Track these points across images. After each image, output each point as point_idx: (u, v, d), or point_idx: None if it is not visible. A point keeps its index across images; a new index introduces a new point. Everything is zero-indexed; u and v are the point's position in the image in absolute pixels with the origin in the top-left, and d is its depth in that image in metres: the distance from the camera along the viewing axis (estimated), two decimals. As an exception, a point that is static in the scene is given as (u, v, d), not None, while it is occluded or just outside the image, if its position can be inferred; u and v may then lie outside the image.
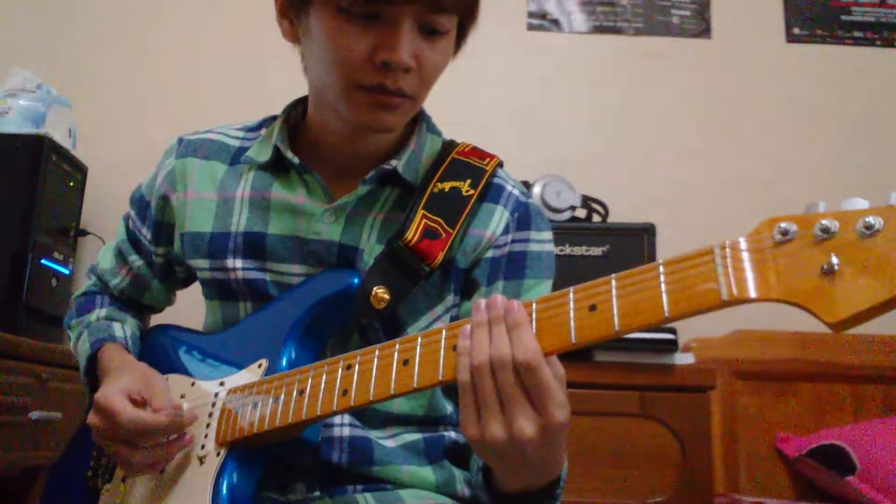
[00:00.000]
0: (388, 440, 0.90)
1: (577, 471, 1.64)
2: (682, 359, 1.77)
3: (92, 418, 0.84)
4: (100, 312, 1.04)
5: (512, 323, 0.64)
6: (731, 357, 2.10)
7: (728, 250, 0.55)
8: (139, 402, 0.83)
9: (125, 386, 0.84)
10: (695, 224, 2.30)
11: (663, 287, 0.58)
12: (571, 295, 0.63)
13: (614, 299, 0.60)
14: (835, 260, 0.50)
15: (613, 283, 0.61)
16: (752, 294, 0.54)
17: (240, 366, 0.88)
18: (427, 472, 0.89)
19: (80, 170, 2.09)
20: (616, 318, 0.59)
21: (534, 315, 0.65)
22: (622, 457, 1.71)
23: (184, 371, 0.94)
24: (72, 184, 2.05)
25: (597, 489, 1.67)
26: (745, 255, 0.55)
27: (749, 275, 0.54)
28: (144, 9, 2.46)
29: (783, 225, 0.53)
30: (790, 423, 2.08)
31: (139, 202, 1.04)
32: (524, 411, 0.62)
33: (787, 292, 0.52)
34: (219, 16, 2.45)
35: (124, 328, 1.01)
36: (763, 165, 2.38)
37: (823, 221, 0.51)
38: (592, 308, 0.61)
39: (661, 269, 0.58)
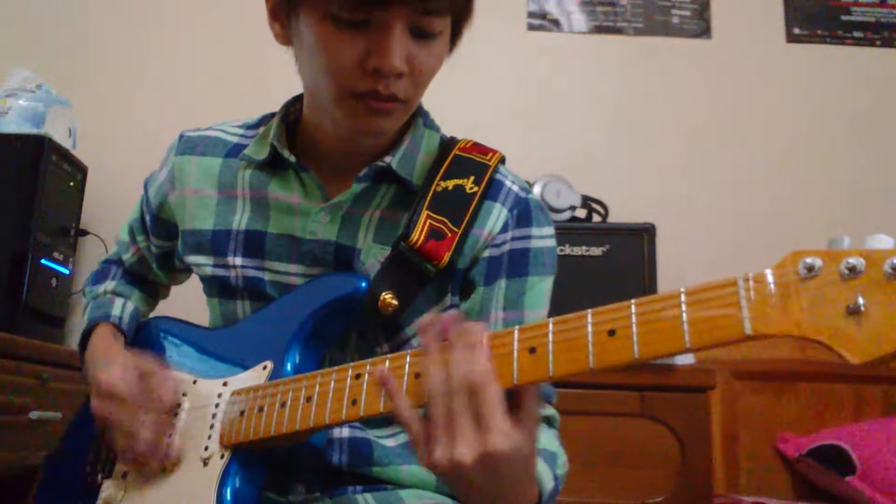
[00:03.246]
0: (388, 439, 0.89)
1: (577, 471, 1.63)
2: (682, 359, 1.76)
3: (97, 404, 0.87)
4: (108, 286, 1.07)
5: (469, 344, 0.63)
6: (731, 357, 2.10)
7: (752, 283, 0.54)
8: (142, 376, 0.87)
9: (125, 367, 0.88)
10: (695, 224, 2.30)
11: (685, 317, 0.56)
12: (589, 318, 0.61)
13: (634, 326, 0.59)
14: (861, 300, 0.50)
15: (633, 308, 0.59)
16: (777, 329, 0.53)
17: (243, 366, 0.87)
18: (427, 471, 0.89)
19: (80, 170, 2.09)
20: (636, 346, 0.58)
21: (550, 337, 0.63)
22: (622, 457, 1.70)
23: (185, 368, 0.93)
24: (72, 184, 2.05)
25: (597, 489, 1.67)
26: (770, 290, 0.54)
27: (774, 310, 0.53)
28: (144, 9, 2.45)
29: (809, 260, 0.52)
30: (790, 423, 2.08)
31: (148, 189, 1.06)
32: (465, 437, 0.61)
33: (811, 329, 0.52)
34: (219, 16, 2.45)
35: (125, 304, 1.03)
36: (763, 165, 2.38)
37: (850, 260, 0.51)
38: (611, 333, 0.60)
39: (683, 297, 0.57)
